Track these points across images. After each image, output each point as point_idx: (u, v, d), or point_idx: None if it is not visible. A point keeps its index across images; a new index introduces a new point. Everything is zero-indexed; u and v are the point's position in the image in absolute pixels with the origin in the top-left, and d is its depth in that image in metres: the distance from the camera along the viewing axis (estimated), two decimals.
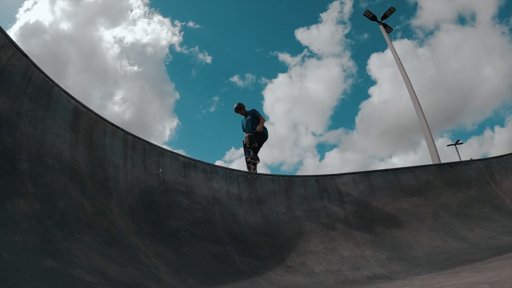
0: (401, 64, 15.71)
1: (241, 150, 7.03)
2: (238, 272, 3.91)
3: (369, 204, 5.74)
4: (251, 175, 5.69)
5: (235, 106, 7.02)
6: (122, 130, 4.60)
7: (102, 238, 3.07)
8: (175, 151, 5.19)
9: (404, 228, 5.28)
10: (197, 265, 3.71)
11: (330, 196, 5.73)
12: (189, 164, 5.15)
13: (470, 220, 5.65)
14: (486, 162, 6.89)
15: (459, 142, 34.44)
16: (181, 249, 3.88)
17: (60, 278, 2.21)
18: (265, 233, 4.97)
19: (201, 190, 5.00)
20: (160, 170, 4.73)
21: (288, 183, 5.74)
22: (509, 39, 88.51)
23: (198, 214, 4.65)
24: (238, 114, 7.11)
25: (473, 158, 13.13)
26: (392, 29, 16.90)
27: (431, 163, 14.17)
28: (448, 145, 35.58)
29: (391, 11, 16.47)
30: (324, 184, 5.90)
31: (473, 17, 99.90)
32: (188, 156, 5.22)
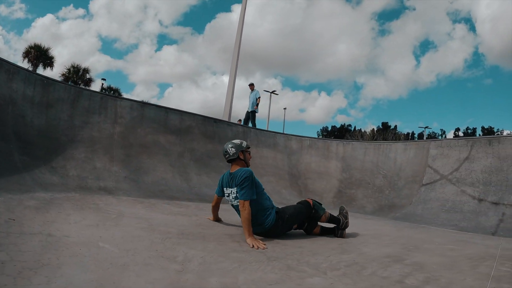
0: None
1: None
2: (13, 167, 4.73)
3: (135, 129, 7.20)
4: (47, 80, 6.33)
5: None
6: None
7: None
8: None
9: (151, 157, 6.98)
10: None
11: (107, 114, 6.97)
12: None
13: (204, 168, 7.74)
14: (245, 129, 9.46)
15: (274, 92, 40.54)
16: None
17: None
18: (45, 136, 5.86)
19: (1, 90, 5.51)
20: None
21: (77, 94, 6.65)
22: (374, 36, 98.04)
23: None
24: None
25: (240, 120, 16.90)
26: None
27: (230, 97, 16.98)
28: (264, 90, 41.00)
29: None
30: (106, 102, 7.02)
31: (359, 1, 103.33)
32: None
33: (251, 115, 14.38)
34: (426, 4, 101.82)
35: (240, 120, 18.31)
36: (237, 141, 3.86)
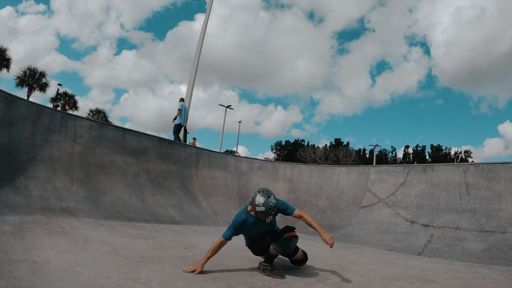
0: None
1: None
2: None
3: (94, 149, 7.51)
4: (11, 97, 6.51)
5: None
6: None
7: None
8: None
9: (109, 177, 7.33)
10: None
11: (67, 133, 7.23)
12: None
13: (159, 188, 8.20)
14: (198, 150, 10.10)
15: (230, 106, 41.87)
16: None
17: None
18: (7, 154, 6.07)
19: None
20: None
21: (38, 112, 6.85)
22: (333, 54, 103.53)
23: None
24: None
25: (195, 140, 17.46)
26: None
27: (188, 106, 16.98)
28: (220, 104, 42.58)
29: None
30: (66, 121, 7.34)
31: (321, 20, 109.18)
32: None
33: (185, 130, 14.78)
34: (386, 26, 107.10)
35: (194, 139, 18.75)
36: (257, 201, 3.74)
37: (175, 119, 13.83)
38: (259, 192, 3.77)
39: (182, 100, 14.71)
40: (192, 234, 6.12)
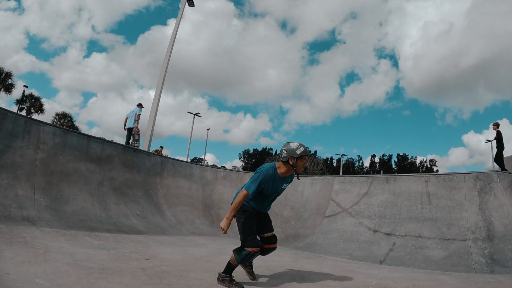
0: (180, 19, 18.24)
1: None
2: None
3: (57, 156, 7.43)
4: None
5: None
6: None
7: None
8: None
9: (72, 185, 7.24)
10: None
11: (30, 139, 7.14)
12: None
13: (123, 197, 8.15)
14: (163, 159, 10.17)
15: (198, 114, 42.40)
16: None
17: None
18: None
19: None
20: None
21: (1, 116, 6.73)
22: (304, 64, 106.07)
23: None
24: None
25: (162, 148, 17.39)
26: None
27: (155, 112, 17.32)
28: (188, 112, 43.44)
29: None
30: (30, 127, 7.25)
31: (293, 30, 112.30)
32: None
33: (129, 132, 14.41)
34: (356, 39, 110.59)
35: (161, 147, 18.66)
36: (293, 145, 3.90)
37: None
38: (288, 143, 3.96)
39: (139, 105, 14.65)
40: (155, 245, 6.19)
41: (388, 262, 6.61)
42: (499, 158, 12.35)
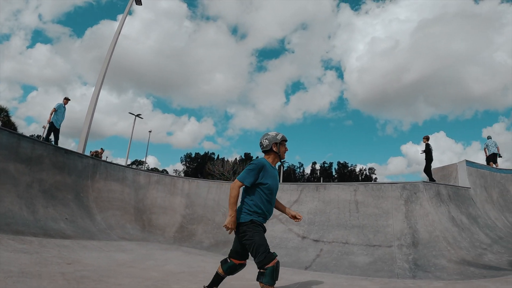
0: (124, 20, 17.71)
1: None
2: None
3: None
4: None
5: None
6: None
7: None
8: None
9: (0, 186, 7.12)
10: None
11: None
12: None
13: (52, 200, 8.06)
14: (95, 161, 10.03)
15: (139, 115, 41.93)
16: None
17: None
18: None
19: None
20: None
21: None
22: (251, 70, 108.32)
23: None
24: None
25: (102, 150, 16.77)
26: None
27: (92, 110, 16.55)
28: (129, 113, 42.47)
29: None
30: None
31: (244, 36, 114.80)
32: None
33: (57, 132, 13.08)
34: (305, 49, 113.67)
35: (102, 149, 18.30)
36: (272, 133, 3.93)
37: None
38: (266, 134, 3.97)
39: (65, 100, 13.41)
40: (81, 250, 6.28)
41: (314, 268, 6.88)
42: (427, 170, 13.13)
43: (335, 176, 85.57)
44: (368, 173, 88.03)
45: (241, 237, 3.68)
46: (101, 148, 18.28)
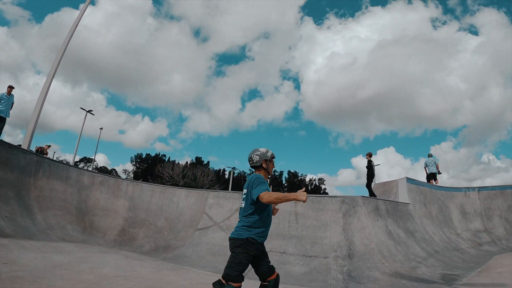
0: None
1: None
2: None
3: None
4: None
5: None
6: None
7: None
8: None
9: None
10: None
11: None
12: None
13: None
14: (39, 158, 9.69)
15: (91, 111, 40.34)
16: None
17: None
18: None
19: None
20: None
21: None
22: (210, 74, 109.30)
23: None
24: None
25: (48, 147, 16.14)
26: None
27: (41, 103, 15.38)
28: (81, 108, 41.06)
29: None
30: None
31: (206, 39, 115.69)
32: None
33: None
34: (265, 58, 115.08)
35: (48, 145, 17.72)
36: (263, 150, 3.96)
37: None
38: (256, 149, 3.99)
39: (9, 88, 12.30)
40: (18, 250, 6.23)
41: (249, 276, 7.11)
42: (368, 185, 13.63)
43: (285, 184, 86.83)
44: (318, 183, 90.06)
45: (232, 250, 3.78)
46: (47, 144, 17.72)
